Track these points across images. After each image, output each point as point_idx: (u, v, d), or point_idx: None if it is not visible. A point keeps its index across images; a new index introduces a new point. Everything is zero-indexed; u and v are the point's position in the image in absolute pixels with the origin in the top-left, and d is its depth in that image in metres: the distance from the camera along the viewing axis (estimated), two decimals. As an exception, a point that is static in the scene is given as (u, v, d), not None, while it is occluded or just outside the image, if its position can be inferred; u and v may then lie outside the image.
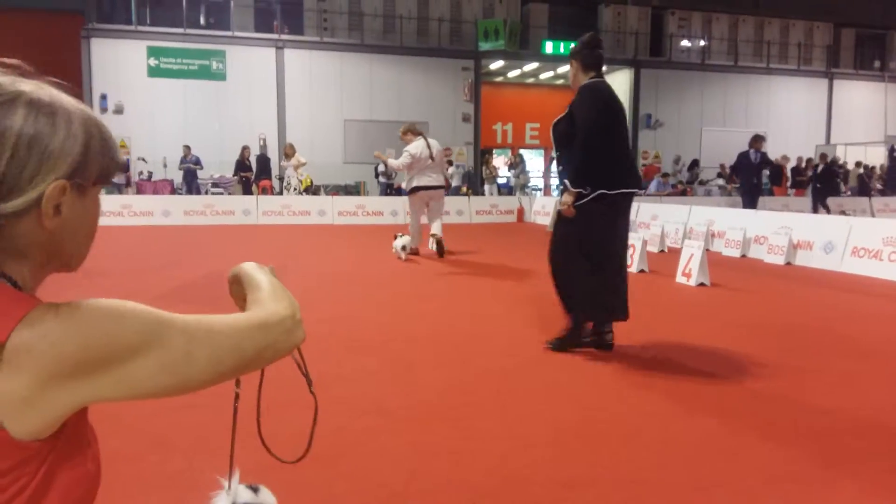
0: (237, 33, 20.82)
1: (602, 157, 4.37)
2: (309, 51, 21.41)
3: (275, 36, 21.11)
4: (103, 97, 19.93)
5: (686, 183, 21.81)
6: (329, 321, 5.40)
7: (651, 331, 5.25)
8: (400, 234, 9.69)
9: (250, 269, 1.10)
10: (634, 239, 8.71)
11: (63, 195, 0.85)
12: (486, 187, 21.96)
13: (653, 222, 12.18)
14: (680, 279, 7.63)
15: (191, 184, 17.88)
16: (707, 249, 7.82)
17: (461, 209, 17.58)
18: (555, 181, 26.62)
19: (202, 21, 22.08)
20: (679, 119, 24.92)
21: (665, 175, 21.02)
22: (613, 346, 4.63)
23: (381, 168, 20.61)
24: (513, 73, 26.04)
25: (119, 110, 19.99)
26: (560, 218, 4.63)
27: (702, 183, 22.17)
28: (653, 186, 20.50)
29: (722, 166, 23.01)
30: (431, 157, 9.30)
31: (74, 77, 20.09)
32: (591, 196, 4.38)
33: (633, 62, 24.30)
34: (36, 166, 0.82)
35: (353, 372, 4.13)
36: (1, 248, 0.83)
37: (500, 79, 26.61)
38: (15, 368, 0.76)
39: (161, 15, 21.65)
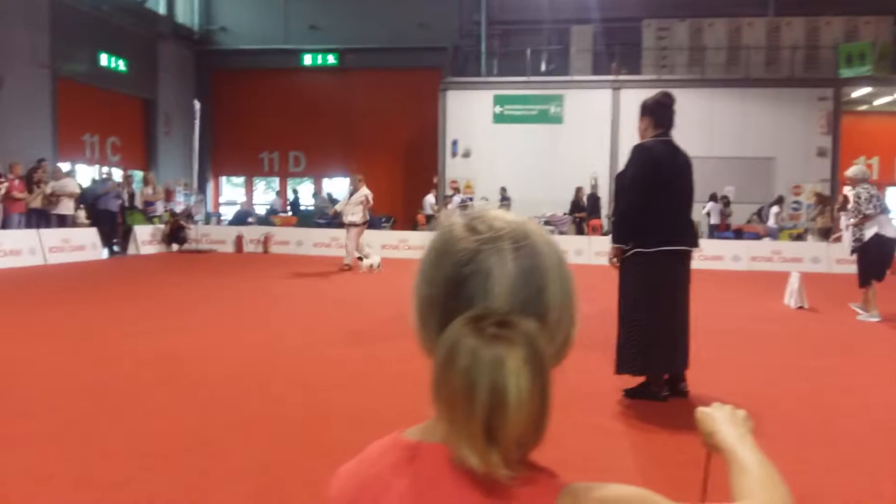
0: (576, 77, 21.48)
1: (642, 216, 4.42)
2: (647, 89, 21.11)
3: (612, 77, 21.31)
4: (454, 143, 22.05)
5: None
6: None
7: None
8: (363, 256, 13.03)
9: (730, 437, 0.90)
10: None
11: None
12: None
13: None
14: None
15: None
16: None
17: (817, 256, 15.65)
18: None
19: (542, 68, 23.27)
20: None
21: None
22: (688, 394, 4.61)
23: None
24: (880, 101, 22.61)
25: (467, 154, 21.93)
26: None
27: None
28: None
29: None
30: None
31: (432, 125, 22.65)
32: (630, 252, 4.46)
33: None
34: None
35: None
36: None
37: (863, 107, 23.33)
38: None
39: (506, 65, 23.36)
